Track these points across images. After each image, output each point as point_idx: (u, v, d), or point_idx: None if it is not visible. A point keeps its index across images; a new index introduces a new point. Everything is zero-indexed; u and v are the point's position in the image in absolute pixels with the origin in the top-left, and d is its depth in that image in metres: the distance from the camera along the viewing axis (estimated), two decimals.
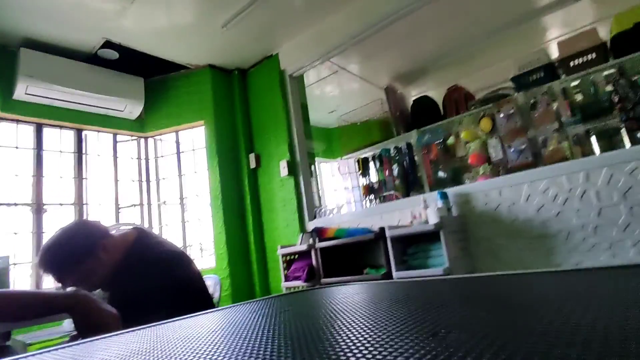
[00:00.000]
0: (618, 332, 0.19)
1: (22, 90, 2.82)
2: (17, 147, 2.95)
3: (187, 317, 0.58)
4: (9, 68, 2.83)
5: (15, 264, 2.73)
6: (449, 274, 1.93)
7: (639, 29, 2.59)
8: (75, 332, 0.89)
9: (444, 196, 2.24)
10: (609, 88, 2.65)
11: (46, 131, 3.13)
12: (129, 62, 3.25)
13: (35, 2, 2.49)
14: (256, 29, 3.12)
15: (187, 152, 3.61)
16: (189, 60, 3.47)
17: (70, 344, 0.49)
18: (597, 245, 1.86)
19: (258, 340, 0.31)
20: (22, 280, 2.76)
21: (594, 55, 2.77)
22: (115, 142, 3.51)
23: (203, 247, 3.46)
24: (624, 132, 2.59)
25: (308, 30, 3.23)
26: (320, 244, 2.52)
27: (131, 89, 3.35)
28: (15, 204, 2.85)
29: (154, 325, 0.54)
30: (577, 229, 1.92)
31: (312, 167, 3.37)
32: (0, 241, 2.70)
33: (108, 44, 3.01)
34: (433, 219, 2.06)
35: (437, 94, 3.90)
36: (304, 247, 2.59)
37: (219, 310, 0.60)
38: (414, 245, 2.19)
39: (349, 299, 0.49)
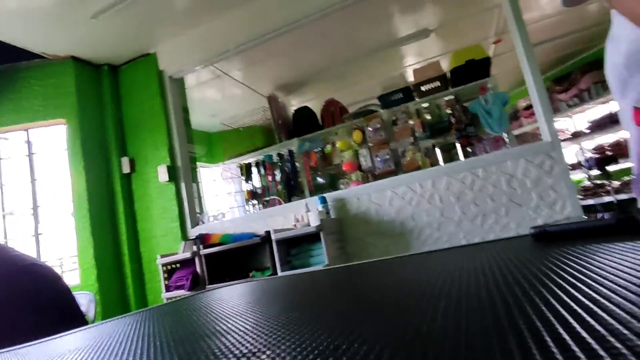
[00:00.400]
0: (453, 288, 0.33)
1: None
2: None
3: (57, 337, 0.56)
4: None
5: None
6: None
7: (470, 65, 3.27)
8: None
9: (324, 201, 2.47)
10: (449, 111, 3.28)
11: None
12: None
13: None
14: (132, 25, 2.92)
15: (41, 154, 3.13)
16: (46, 49, 3.03)
17: None
18: (439, 239, 2.31)
19: (127, 355, 0.29)
20: None
21: (438, 83, 3.38)
22: None
23: (62, 262, 3.05)
24: (459, 147, 3.24)
25: (190, 32, 3.15)
26: (205, 251, 2.50)
27: None
28: None
29: (18, 348, 0.51)
30: (426, 226, 2.35)
31: (194, 171, 3.29)
32: None
33: None
34: (314, 222, 2.25)
35: (316, 105, 4.21)
36: (187, 254, 2.53)
37: (91, 327, 0.57)
38: (297, 247, 2.36)
39: (232, 298, 0.54)
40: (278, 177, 3.87)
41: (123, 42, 3.12)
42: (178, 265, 2.68)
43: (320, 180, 3.75)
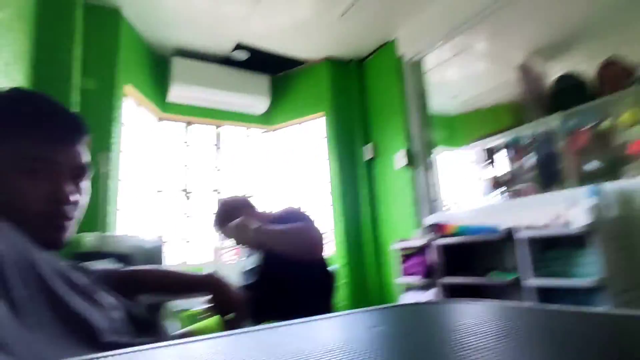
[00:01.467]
0: None
1: (175, 93, 3.31)
2: (171, 143, 3.49)
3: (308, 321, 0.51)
4: (165, 75, 3.33)
5: (166, 243, 3.25)
6: (601, 286, 1.60)
7: None
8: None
9: (597, 193, 1.86)
10: None
11: (192, 128, 3.62)
12: (257, 61, 3.53)
13: (181, 16, 2.87)
14: (373, 15, 3.05)
15: (309, 143, 3.79)
16: (308, 55, 3.60)
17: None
18: None
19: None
20: (173, 255, 3.27)
21: None
22: (246, 136, 3.88)
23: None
24: None
25: (428, 9, 3.02)
26: (440, 241, 2.37)
27: (259, 86, 3.64)
28: (170, 191, 3.38)
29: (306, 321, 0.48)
30: None
31: (431, 157, 3.19)
32: (157, 222, 3.25)
33: (239, 46, 3.31)
34: (581, 220, 1.73)
35: (586, 70, 3.26)
36: (421, 242, 2.47)
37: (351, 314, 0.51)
38: (553, 250, 1.88)
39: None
40: (531, 162, 3.25)
41: (366, 35, 3.33)
42: (413, 251, 2.66)
43: (591, 166, 2.90)
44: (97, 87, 2.52)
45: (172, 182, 3.40)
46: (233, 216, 1.40)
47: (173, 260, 3.24)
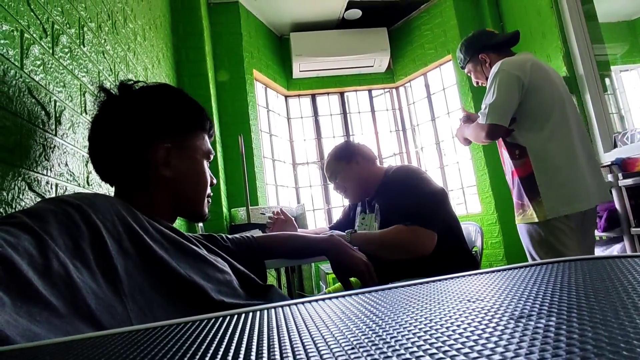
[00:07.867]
0: None
1: (297, 69, 3.39)
2: (301, 117, 3.63)
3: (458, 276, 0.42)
4: (287, 53, 3.44)
5: (310, 210, 3.43)
6: None
7: None
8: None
9: None
10: None
11: (319, 99, 3.68)
12: (372, 15, 3.31)
13: None
14: None
15: (438, 93, 3.42)
16: None
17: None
18: None
19: None
20: (316, 221, 3.45)
21: None
22: (370, 97, 3.74)
23: (465, 191, 3.25)
24: None
25: None
26: (626, 181, 1.83)
27: (377, 42, 3.42)
28: (307, 163, 3.54)
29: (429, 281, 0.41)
30: None
31: (606, 79, 2.48)
32: (299, 192, 3.45)
33: (351, 4, 3.15)
34: None
35: None
36: None
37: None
38: None
39: None
40: None
41: None
42: None
43: None
44: (229, 78, 2.76)
45: (307, 154, 3.55)
46: (343, 166, 1.49)
47: (315, 225, 3.42)
